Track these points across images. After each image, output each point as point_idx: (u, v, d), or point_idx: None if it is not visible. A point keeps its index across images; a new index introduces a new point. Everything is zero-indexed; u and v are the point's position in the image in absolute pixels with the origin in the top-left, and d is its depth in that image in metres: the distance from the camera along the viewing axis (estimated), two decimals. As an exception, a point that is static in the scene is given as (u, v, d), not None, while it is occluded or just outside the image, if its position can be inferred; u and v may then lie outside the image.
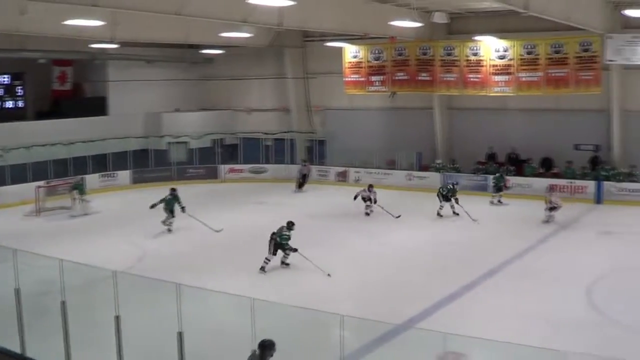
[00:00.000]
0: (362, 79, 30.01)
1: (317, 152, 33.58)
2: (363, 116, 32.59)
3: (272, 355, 8.44)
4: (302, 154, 33.65)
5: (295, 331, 11.45)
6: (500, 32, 26.63)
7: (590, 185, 25.93)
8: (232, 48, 32.42)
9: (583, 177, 26.49)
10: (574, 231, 21.03)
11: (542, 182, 26.26)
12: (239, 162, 33.74)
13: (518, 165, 28.54)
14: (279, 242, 16.85)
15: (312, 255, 16.63)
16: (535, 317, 13.22)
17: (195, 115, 36.00)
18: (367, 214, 23.30)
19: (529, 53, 25.89)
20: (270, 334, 8.68)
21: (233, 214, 23.93)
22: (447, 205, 22.82)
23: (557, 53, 25.28)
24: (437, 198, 23.22)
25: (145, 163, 31.92)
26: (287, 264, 17.21)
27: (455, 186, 23.67)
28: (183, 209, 21.25)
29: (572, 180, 26.32)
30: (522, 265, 17.02)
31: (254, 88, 35.97)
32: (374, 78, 29.79)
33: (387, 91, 29.88)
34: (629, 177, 25.77)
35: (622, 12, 22.83)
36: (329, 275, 16.14)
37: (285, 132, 34.01)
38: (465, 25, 28.47)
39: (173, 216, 21.21)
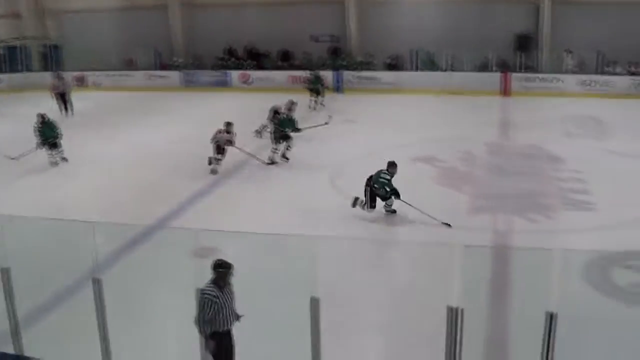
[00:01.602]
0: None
1: (52, 58, 32.37)
2: (99, 18, 31.85)
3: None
4: (36, 61, 32.46)
5: (47, 244, 11.49)
6: None
7: (329, 75, 27.98)
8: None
9: (322, 67, 28.28)
10: (318, 120, 22.73)
11: (283, 75, 28.16)
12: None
13: (257, 59, 30.01)
14: None
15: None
16: (285, 206, 14.38)
17: None
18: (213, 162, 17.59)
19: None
20: (23, 251, 8.62)
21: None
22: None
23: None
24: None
25: None
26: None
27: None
28: None
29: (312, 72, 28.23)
30: (265, 156, 17.98)
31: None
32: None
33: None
34: (367, 65, 28.64)
35: None
36: None
37: (16, 39, 32.03)
38: None
39: None
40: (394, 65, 29.42)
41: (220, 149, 17.00)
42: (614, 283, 10.40)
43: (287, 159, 17.87)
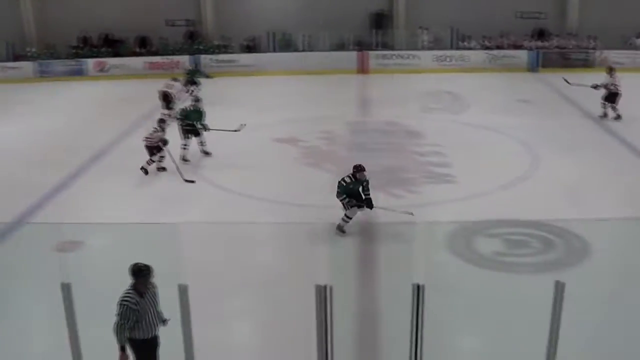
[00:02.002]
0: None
1: None
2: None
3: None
4: None
5: None
6: None
7: (186, 60, 27.76)
8: None
9: (179, 52, 28.29)
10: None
11: (139, 61, 27.72)
12: None
13: (113, 46, 29.31)
14: None
15: None
16: (148, 194, 14.17)
17: None
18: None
19: None
20: None
21: None
22: None
23: None
24: None
25: None
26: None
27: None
28: None
29: (170, 57, 28.05)
30: (128, 146, 17.54)
31: None
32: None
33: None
34: (224, 48, 28.52)
35: None
36: None
37: None
38: None
39: None
40: (251, 47, 29.35)
41: (153, 150, 15.37)
42: (478, 252, 10.80)
43: (209, 153, 16.66)
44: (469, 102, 22.04)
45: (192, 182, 14.65)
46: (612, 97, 19.70)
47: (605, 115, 19.81)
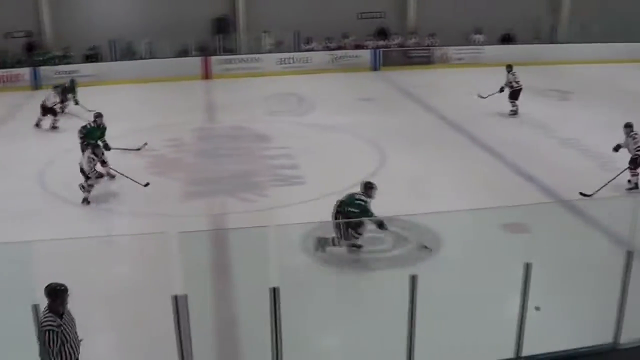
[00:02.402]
0: None
1: None
2: None
3: None
4: None
5: None
6: None
7: (26, 72, 26.54)
8: None
9: (18, 65, 27.01)
10: (15, 120, 21.47)
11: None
12: None
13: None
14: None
15: None
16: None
17: None
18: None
19: None
20: None
21: None
22: None
23: None
24: None
25: None
26: None
27: None
28: None
29: (9, 70, 26.63)
30: None
31: None
32: None
33: None
34: (64, 59, 27.48)
35: None
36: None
37: None
38: None
39: None
40: (93, 56, 28.44)
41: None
42: (331, 251, 10.93)
43: (114, 175, 15.04)
44: (313, 104, 22.35)
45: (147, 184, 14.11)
46: (515, 93, 20.61)
47: (512, 110, 20.70)
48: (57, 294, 6.61)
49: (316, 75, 27.28)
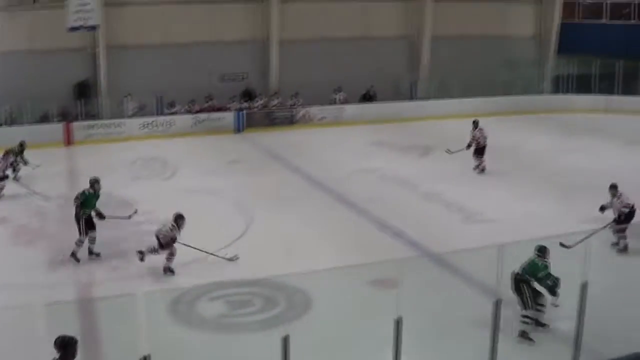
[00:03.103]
0: None
1: None
2: None
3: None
4: None
5: None
6: None
7: None
8: None
9: None
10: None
11: None
12: None
13: None
14: None
15: None
16: None
17: None
18: None
19: None
20: None
21: None
22: None
23: None
24: None
25: None
26: None
27: None
28: None
29: None
30: None
31: None
32: None
33: None
34: None
35: None
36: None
37: None
38: None
39: None
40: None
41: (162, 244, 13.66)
42: (202, 316, 10.94)
43: (98, 254, 14.52)
44: (178, 167, 22.32)
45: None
46: (481, 150, 21.25)
47: (478, 166, 21.31)
48: (68, 345, 7.00)
49: (180, 138, 27.24)
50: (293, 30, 31.19)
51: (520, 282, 10.40)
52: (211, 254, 13.80)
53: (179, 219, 13.68)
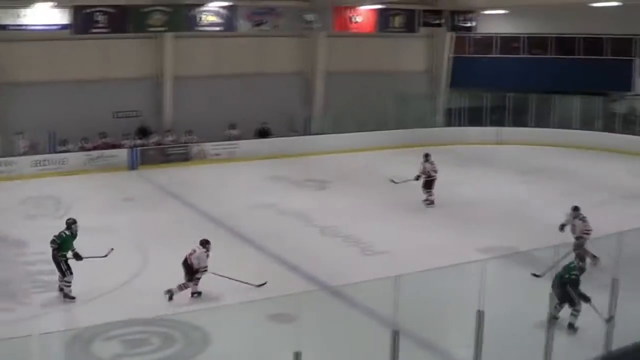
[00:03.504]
0: None
1: None
2: None
3: None
4: None
5: None
6: None
7: None
8: None
9: None
10: None
11: None
12: None
13: None
14: None
15: None
16: None
17: None
18: None
19: None
20: None
21: None
22: None
23: None
24: None
25: None
26: None
27: None
28: None
29: None
30: None
31: None
32: None
33: None
34: None
35: None
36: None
37: None
38: None
39: None
40: None
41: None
42: (97, 357, 10.79)
43: (73, 298, 14.08)
44: (71, 206, 21.82)
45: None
46: (430, 183, 21.62)
47: (427, 199, 21.69)
48: None
49: (73, 176, 26.68)
50: (187, 66, 31.19)
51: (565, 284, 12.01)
52: (242, 282, 14.13)
53: (207, 244, 14.33)
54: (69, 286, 13.99)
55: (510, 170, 26.24)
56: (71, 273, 14.04)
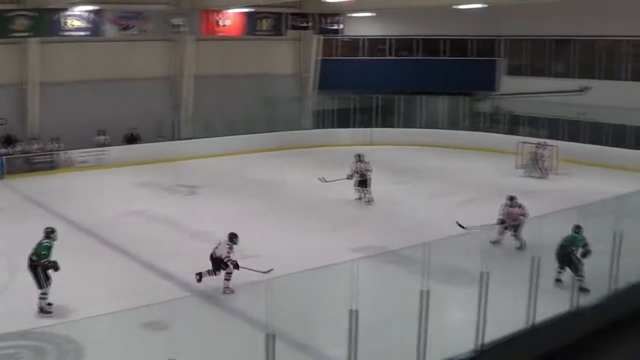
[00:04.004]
0: None
1: None
2: None
3: None
4: None
5: None
6: None
7: None
8: None
9: None
10: None
11: None
12: None
13: None
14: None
15: None
16: None
17: None
18: None
19: None
20: None
21: None
22: None
23: None
24: None
25: None
26: None
27: None
28: None
29: None
30: None
31: None
32: None
33: None
34: None
35: None
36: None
37: None
38: None
39: None
40: None
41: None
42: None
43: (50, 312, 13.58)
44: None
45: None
46: (364, 182, 22.20)
47: (360, 198, 22.47)
48: None
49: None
50: (53, 72, 30.49)
51: (566, 254, 14.34)
52: (253, 270, 14.77)
53: (234, 237, 15.19)
54: (45, 299, 13.71)
55: (382, 171, 26.99)
56: (49, 284, 13.80)
